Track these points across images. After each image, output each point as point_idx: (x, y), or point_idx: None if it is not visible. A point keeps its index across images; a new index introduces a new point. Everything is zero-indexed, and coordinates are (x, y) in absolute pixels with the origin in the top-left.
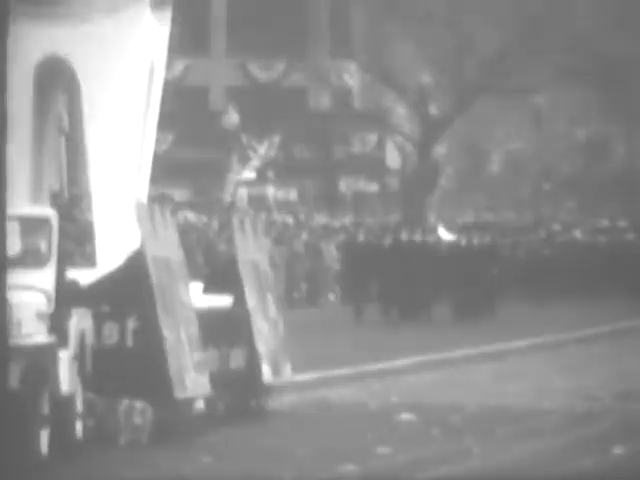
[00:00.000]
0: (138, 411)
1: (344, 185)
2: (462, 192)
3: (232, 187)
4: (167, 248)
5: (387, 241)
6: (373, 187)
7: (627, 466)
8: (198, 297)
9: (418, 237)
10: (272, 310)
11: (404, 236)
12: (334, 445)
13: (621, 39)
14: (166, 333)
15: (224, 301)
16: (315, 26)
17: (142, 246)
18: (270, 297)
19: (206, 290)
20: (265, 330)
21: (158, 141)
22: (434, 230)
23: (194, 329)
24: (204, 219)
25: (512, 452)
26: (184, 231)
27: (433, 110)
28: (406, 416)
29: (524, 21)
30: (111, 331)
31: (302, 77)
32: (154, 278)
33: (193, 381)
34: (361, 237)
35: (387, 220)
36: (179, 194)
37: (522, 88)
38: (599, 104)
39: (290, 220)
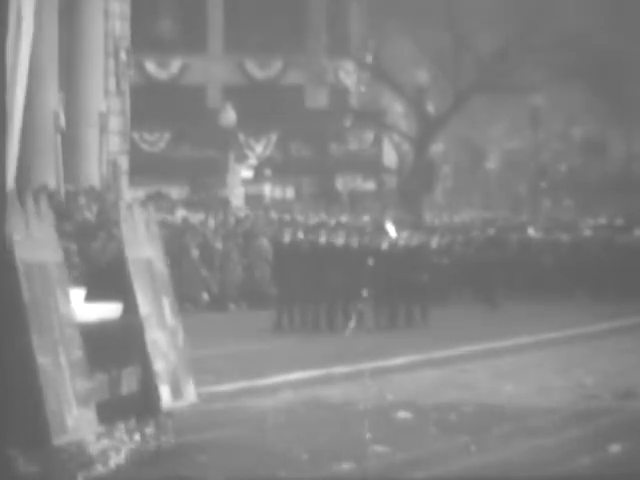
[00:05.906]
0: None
1: (341, 183)
2: (459, 190)
3: (229, 185)
4: (42, 249)
5: (305, 243)
6: (370, 185)
7: (625, 464)
8: (80, 307)
9: (340, 239)
10: (169, 317)
11: (322, 238)
12: (330, 443)
13: (618, 38)
14: (42, 360)
15: (112, 310)
16: (312, 24)
17: (11, 248)
18: (166, 301)
19: (89, 297)
20: (162, 342)
21: (155, 140)
22: (381, 228)
23: (77, 351)
24: (200, 217)
25: (509, 450)
26: (181, 230)
27: (430, 108)
28: (403, 414)
29: (521, 19)
30: None
31: (299, 75)
32: (26, 291)
33: (76, 419)
34: (287, 237)
35: (310, 219)
36: (176, 192)
37: (519, 87)
38: (596, 103)
39: (287, 218)
